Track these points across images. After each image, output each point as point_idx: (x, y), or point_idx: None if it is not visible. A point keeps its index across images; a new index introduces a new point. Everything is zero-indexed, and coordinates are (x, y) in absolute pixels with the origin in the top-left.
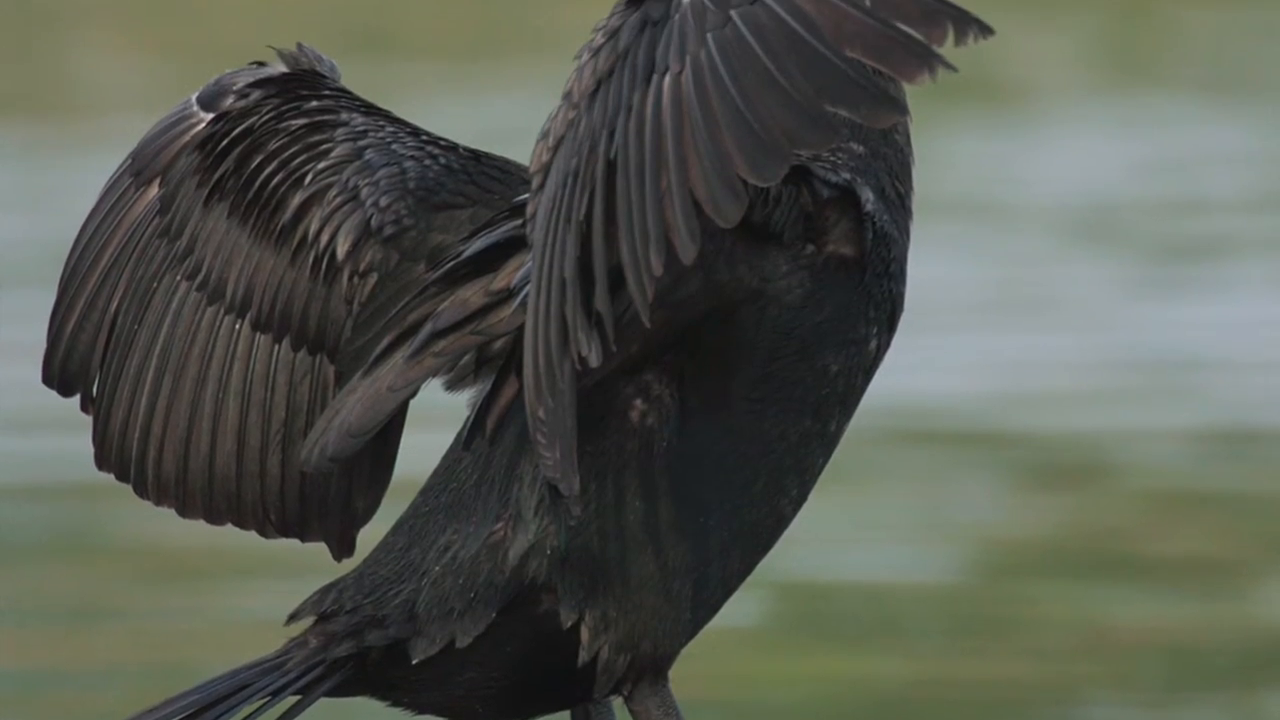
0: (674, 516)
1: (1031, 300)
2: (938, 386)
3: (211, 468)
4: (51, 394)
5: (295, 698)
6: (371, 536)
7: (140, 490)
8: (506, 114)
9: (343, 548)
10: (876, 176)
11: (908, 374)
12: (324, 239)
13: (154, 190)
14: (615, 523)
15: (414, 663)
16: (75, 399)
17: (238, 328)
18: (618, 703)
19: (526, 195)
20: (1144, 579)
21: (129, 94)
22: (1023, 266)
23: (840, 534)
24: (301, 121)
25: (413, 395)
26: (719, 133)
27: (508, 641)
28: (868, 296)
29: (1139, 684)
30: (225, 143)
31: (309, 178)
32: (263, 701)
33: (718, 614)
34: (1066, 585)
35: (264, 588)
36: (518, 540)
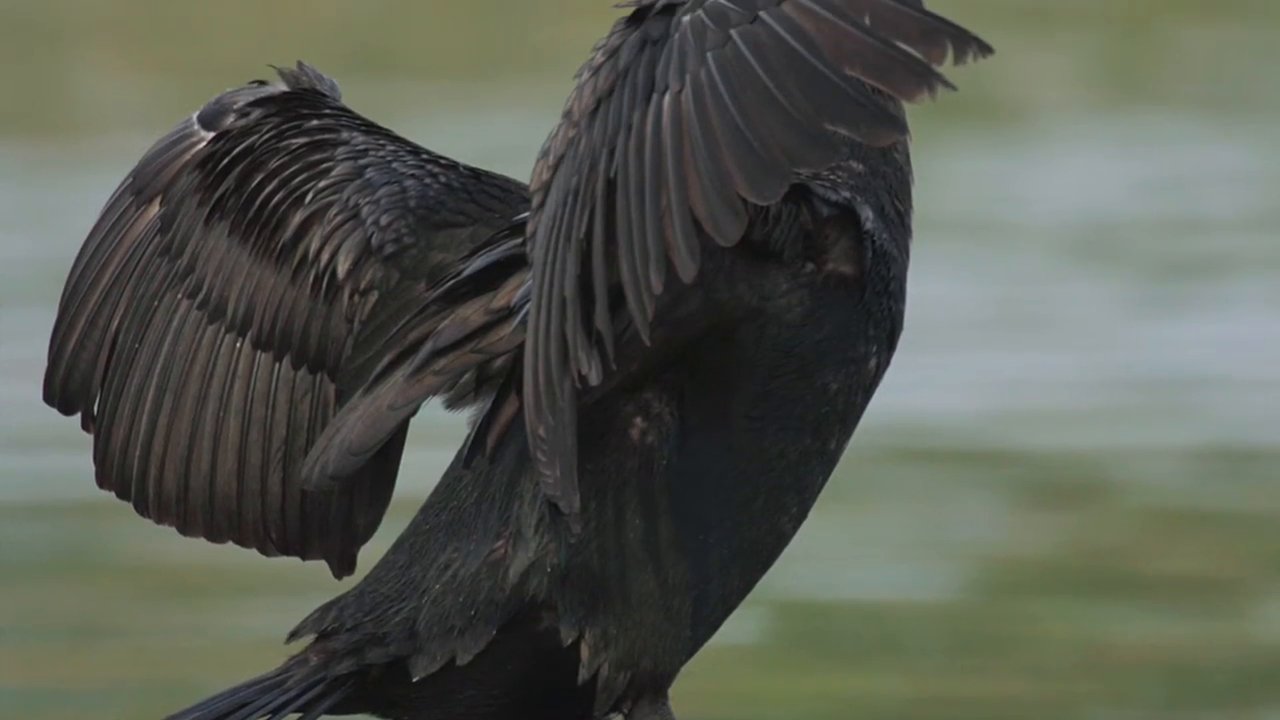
0: (674, 534)
1: (1031, 319)
2: (937, 405)
3: (212, 486)
4: (53, 412)
5: (296, 715)
6: (372, 554)
7: (141, 508)
8: (507, 133)
9: (343, 565)
10: (876, 195)
11: (907, 392)
12: (325, 257)
13: (155, 209)
14: (615, 540)
15: (415, 680)
16: (76, 417)
17: (238, 346)
18: None
19: (527, 214)
20: (1143, 597)
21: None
22: (1022, 285)
23: (840, 552)
24: (302, 140)
25: (413, 413)
26: (719, 151)
27: (508, 659)
28: (867, 315)
29: (1138, 702)
30: (226, 161)
31: (309, 196)
32: (264, 719)
33: (717, 631)
34: (1066, 603)
35: (265, 605)
36: (518, 558)
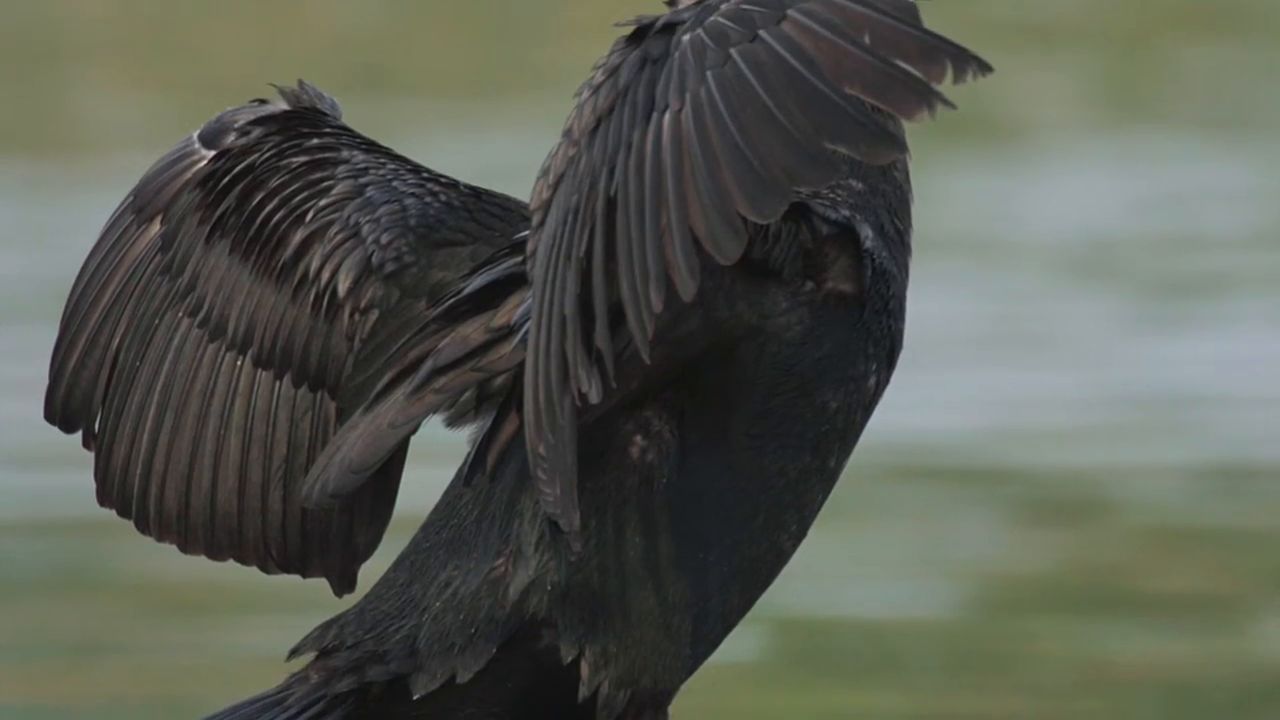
0: (674, 552)
1: (1030, 337)
2: (937, 423)
3: (213, 504)
4: (53, 430)
5: None
6: (373, 572)
7: (142, 526)
8: (507, 151)
9: (344, 583)
10: (876, 213)
11: (907, 410)
12: (325, 276)
13: (156, 227)
14: (615, 558)
15: (415, 698)
16: (77, 435)
17: (239, 364)
18: None
19: (527, 232)
20: (1142, 615)
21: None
22: (1021, 303)
23: (839, 569)
24: (303, 159)
25: (414, 431)
26: (719, 170)
27: (508, 677)
28: (867, 333)
29: (1138, 719)
30: (227, 180)
31: (310, 215)
32: None
33: (718, 649)
34: (1065, 621)
35: (265, 623)
36: (518, 576)
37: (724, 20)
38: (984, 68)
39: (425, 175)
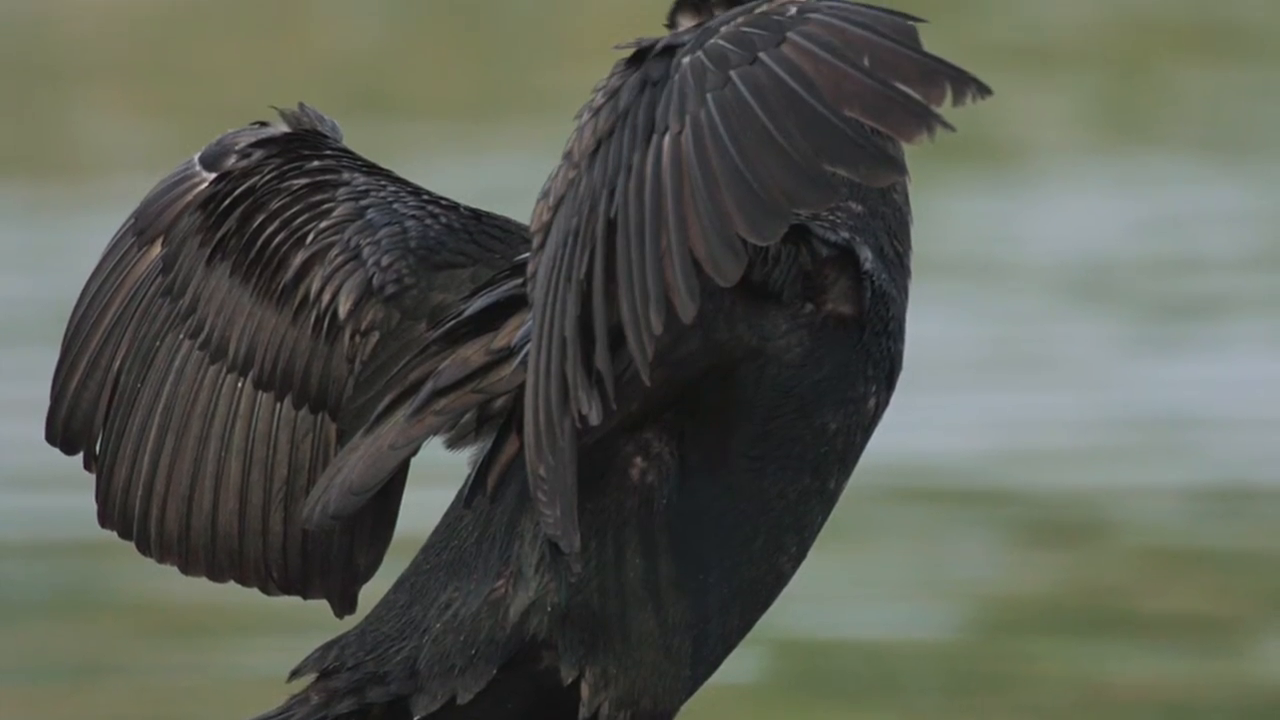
0: (674, 574)
1: (1029, 359)
2: (936, 444)
3: (214, 525)
4: (54, 452)
5: None
6: (373, 593)
7: (143, 548)
8: (507, 174)
9: (344, 605)
10: (875, 235)
11: (906, 432)
12: (326, 298)
13: (157, 249)
14: (615, 580)
15: (415, 719)
16: (78, 457)
17: (240, 386)
18: None
19: (527, 254)
20: (1141, 636)
21: (131, 154)
22: (1020, 325)
23: (839, 591)
24: (303, 181)
25: (414, 453)
26: (718, 192)
27: (508, 698)
28: (866, 355)
29: None
30: (227, 202)
31: (311, 237)
32: None
33: (717, 670)
34: (1064, 642)
35: (266, 644)
36: (519, 597)
37: (724, 43)
38: (983, 90)
39: (426, 197)
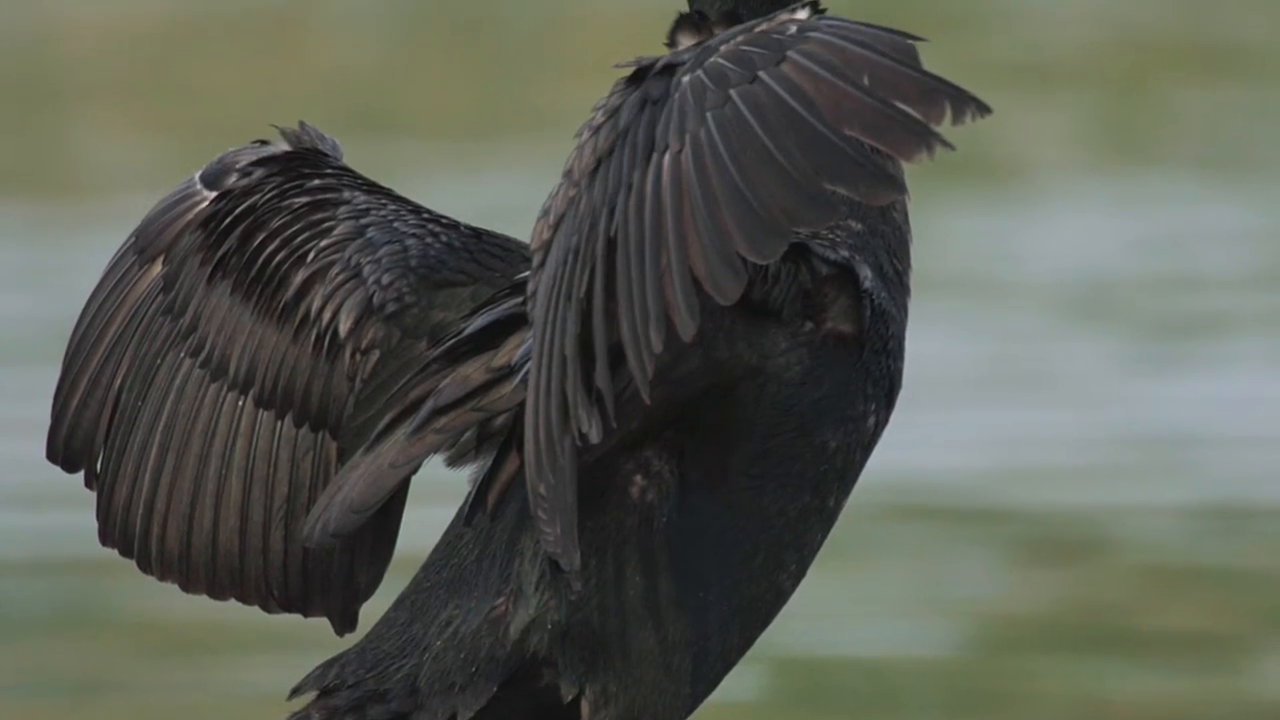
0: (674, 591)
1: (1029, 376)
2: (935, 462)
3: (214, 543)
4: (55, 470)
5: None
6: (373, 611)
7: (144, 566)
8: (507, 192)
9: (345, 623)
10: (875, 254)
11: (906, 450)
12: (326, 316)
13: (157, 268)
14: (615, 597)
15: None
16: (79, 475)
17: (240, 404)
18: None
19: (527, 273)
20: (1141, 654)
21: (132, 172)
22: (1020, 343)
23: (839, 609)
24: (304, 200)
25: (414, 471)
26: (718, 211)
27: (509, 716)
28: (866, 373)
29: None
30: (228, 221)
31: (311, 255)
32: None
33: (717, 688)
34: (1064, 660)
35: (266, 662)
36: (519, 615)
37: (724, 61)
38: (983, 109)
39: (426, 216)
